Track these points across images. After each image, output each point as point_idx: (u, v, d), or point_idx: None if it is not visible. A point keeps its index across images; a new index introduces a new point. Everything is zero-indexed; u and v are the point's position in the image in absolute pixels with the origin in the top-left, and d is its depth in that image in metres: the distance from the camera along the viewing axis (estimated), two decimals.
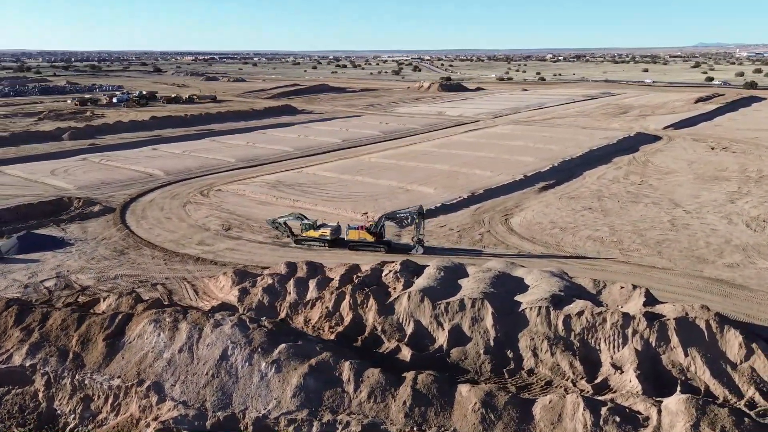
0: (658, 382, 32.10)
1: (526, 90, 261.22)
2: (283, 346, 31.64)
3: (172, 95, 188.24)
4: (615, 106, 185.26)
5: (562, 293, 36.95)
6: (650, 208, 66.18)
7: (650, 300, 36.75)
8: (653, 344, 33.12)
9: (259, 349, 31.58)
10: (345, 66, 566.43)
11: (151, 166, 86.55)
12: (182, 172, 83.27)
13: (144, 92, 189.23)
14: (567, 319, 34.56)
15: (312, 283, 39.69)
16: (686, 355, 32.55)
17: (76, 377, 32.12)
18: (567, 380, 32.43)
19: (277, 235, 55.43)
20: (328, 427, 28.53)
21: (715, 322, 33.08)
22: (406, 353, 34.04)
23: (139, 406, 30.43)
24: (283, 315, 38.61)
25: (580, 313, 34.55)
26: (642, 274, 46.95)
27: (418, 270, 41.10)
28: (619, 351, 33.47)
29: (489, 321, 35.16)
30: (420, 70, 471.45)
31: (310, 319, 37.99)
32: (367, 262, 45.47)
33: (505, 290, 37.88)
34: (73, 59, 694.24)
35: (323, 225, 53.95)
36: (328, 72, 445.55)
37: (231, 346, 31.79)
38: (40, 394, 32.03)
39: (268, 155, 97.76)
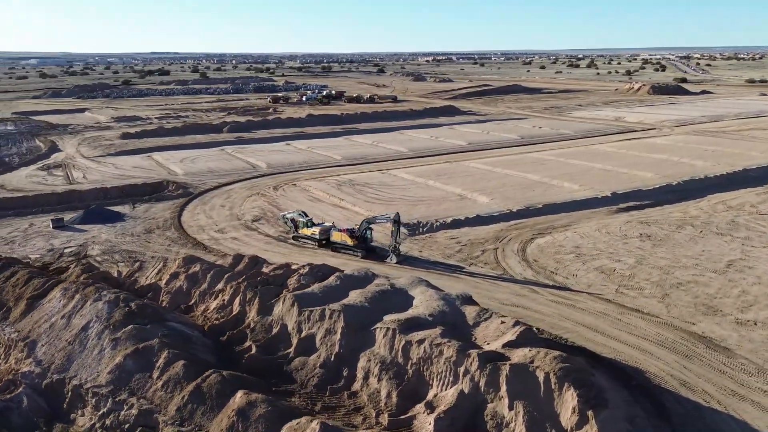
0: None
1: (765, 95, 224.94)
2: (130, 327, 34.62)
3: (354, 95, 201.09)
4: None
5: (430, 318, 34.03)
6: (730, 243, 54.85)
7: (525, 341, 32.01)
8: (482, 390, 29.18)
9: (111, 327, 34.98)
10: (577, 66, 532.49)
11: (263, 159, 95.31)
12: (282, 166, 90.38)
13: (333, 92, 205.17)
14: (407, 346, 32.00)
15: (225, 276, 41.90)
16: (511, 408, 28.15)
17: None
18: (374, 410, 30.24)
19: (288, 230, 58.26)
20: (117, 405, 30.87)
21: (556, 377, 27.94)
22: (248, 354, 34.69)
23: (15, 359, 36.01)
24: (192, 302, 41.58)
25: (420, 342, 31.72)
26: (609, 316, 40.21)
27: (328, 275, 40.83)
28: (445, 390, 30.16)
29: (338, 335, 34.04)
30: (664, 70, 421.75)
31: (207, 309, 40.37)
32: (341, 263, 45.94)
33: (382, 306, 36.04)
34: (325, 60, 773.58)
35: (319, 224, 55.35)
36: (552, 72, 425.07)
37: (94, 320, 35.71)
38: None
39: (377, 154, 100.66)
